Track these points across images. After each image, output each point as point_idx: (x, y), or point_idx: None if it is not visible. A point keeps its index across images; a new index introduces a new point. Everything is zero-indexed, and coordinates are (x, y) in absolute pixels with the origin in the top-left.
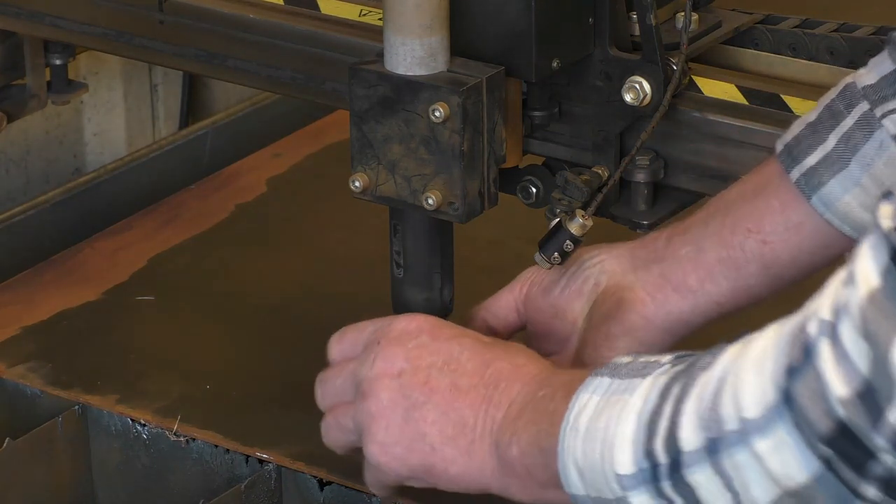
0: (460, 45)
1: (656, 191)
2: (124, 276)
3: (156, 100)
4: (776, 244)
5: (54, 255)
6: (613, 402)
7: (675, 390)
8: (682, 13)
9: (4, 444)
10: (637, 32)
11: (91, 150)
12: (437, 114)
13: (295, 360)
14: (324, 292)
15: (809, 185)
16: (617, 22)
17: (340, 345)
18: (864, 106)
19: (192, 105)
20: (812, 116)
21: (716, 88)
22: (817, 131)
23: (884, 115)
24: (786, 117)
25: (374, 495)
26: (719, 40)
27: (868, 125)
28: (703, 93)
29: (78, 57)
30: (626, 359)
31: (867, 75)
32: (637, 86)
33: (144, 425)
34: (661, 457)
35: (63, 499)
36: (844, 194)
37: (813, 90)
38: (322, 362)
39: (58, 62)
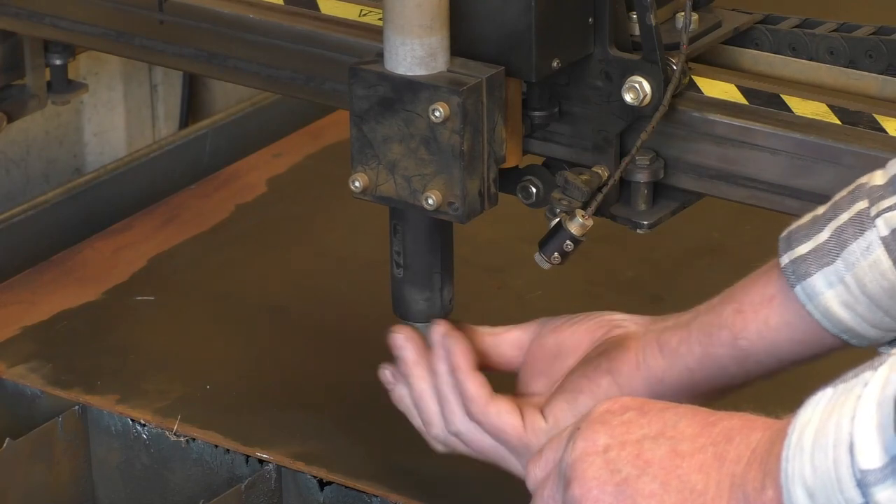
0: (460, 45)
1: (656, 191)
2: (124, 276)
3: (156, 100)
4: (747, 314)
5: (54, 255)
6: (842, 402)
7: None
8: (682, 13)
9: (4, 444)
10: (637, 32)
11: (91, 150)
12: (437, 114)
13: (295, 360)
14: (324, 292)
15: (796, 273)
16: (617, 22)
17: (539, 464)
18: (862, 203)
19: (192, 105)
20: (820, 210)
21: (716, 88)
22: (817, 222)
23: (878, 214)
24: (786, 117)
25: (374, 495)
26: (719, 40)
27: (860, 223)
28: (703, 93)
29: (78, 57)
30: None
31: (880, 176)
32: (637, 86)
33: (144, 425)
34: None
35: (63, 499)
36: (828, 289)
37: (813, 90)
38: (322, 362)
39: (58, 62)
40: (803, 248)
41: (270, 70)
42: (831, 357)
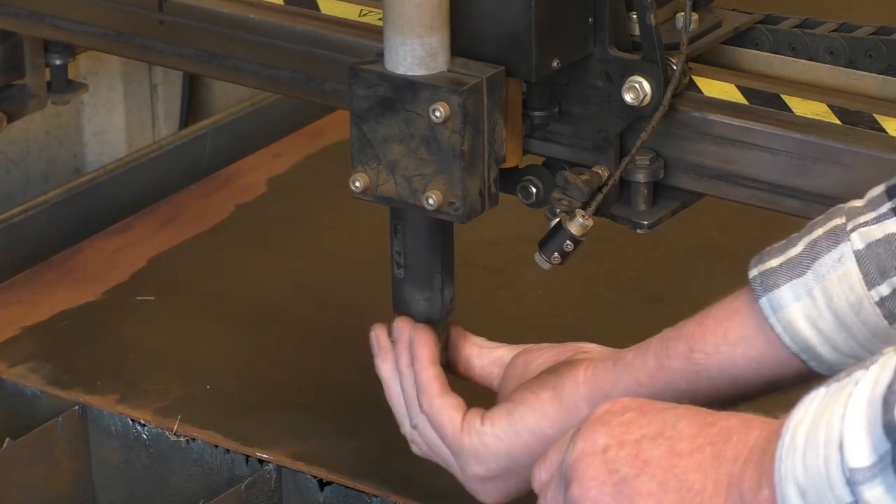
0: (460, 45)
1: (656, 191)
2: (124, 276)
3: (156, 100)
4: (707, 327)
5: (54, 255)
6: (833, 401)
7: None
8: (682, 13)
9: (4, 445)
10: (637, 32)
11: (91, 150)
12: (437, 114)
13: (295, 360)
14: (324, 292)
15: (764, 285)
16: (617, 22)
17: (543, 466)
18: (839, 220)
19: (192, 105)
20: (797, 233)
21: (716, 88)
22: (791, 240)
23: (854, 229)
24: (786, 117)
25: (374, 495)
26: (719, 40)
27: (835, 236)
28: (703, 93)
29: (78, 57)
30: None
31: (858, 200)
32: (637, 86)
33: (144, 425)
34: None
35: (63, 499)
36: (794, 302)
37: (813, 90)
38: (322, 363)
39: (58, 62)
40: (774, 262)
41: (270, 70)
42: None
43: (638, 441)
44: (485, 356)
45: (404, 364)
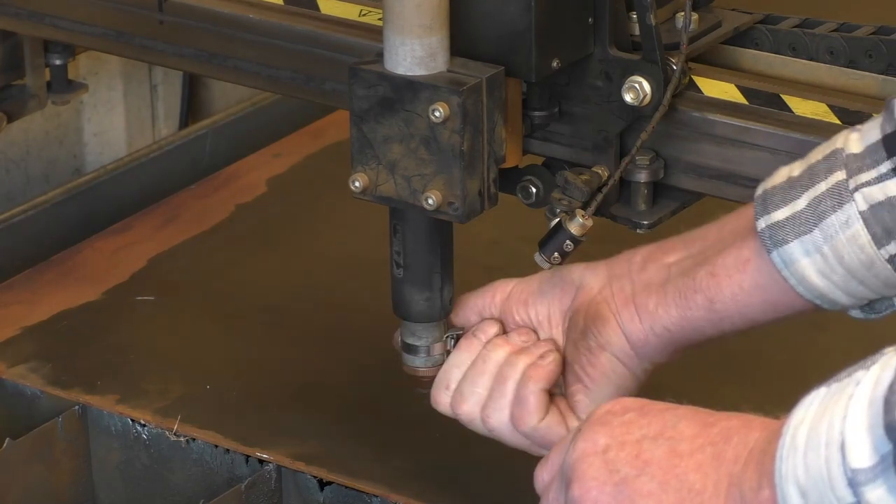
0: (460, 45)
1: (656, 191)
2: (124, 276)
3: (156, 100)
4: (721, 278)
5: (54, 255)
6: (834, 402)
7: None
8: (682, 13)
9: (4, 444)
10: (637, 32)
11: (91, 150)
12: (437, 114)
13: (295, 360)
14: (323, 292)
15: (773, 239)
16: (617, 22)
17: (546, 467)
18: (840, 174)
19: (192, 105)
20: (795, 171)
21: (716, 88)
22: (793, 187)
23: (857, 188)
24: (786, 117)
25: (374, 495)
26: (719, 40)
27: (839, 196)
28: (703, 93)
29: (78, 57)
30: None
31: (856, 142)
32: (637, 86)
33: (144, 425)
34: None
35: (63, 499)
36: (804, 257)
37: (813, 90)
38: (322, 363)
39: (58, 62)
40: (780, 214)
41: (270, 70)
42: (827, 357)
43: (638, 441)
44: (458, 311)
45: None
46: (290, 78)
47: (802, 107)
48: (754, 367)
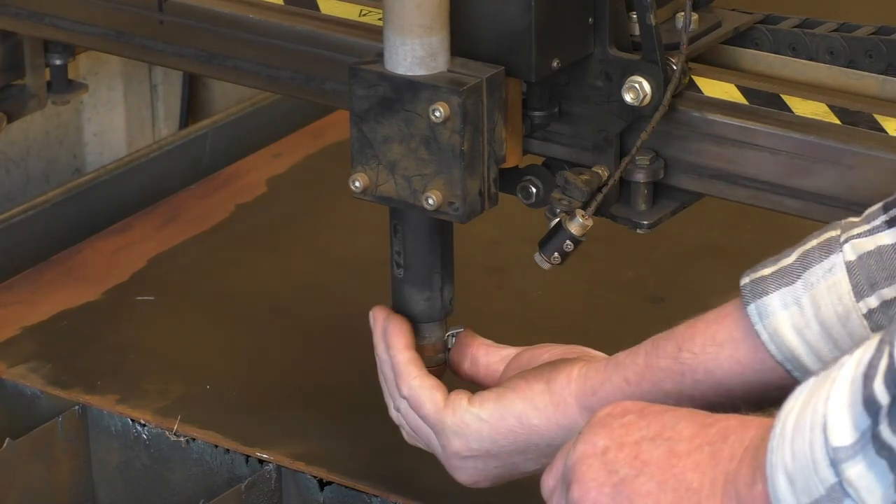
0: (460, 45)
1: (656, 191)
2: (124, 276)
3: (156, 100)
4: (697, 328)
5: (54, 255)
6: (820, 386)
7: (891, 336)
8: (682, 13)
9: (4, 444)
10: (637, 32)
11: (91, 150)
12: (437, 114)
13: (295, 360)
14: (324, 292)
15: (753, 291)
16: (617, 22)
17: (551, 474)
18: (833, 232)
19: (192, 105)
20: (790, 250)
21: (716, 88)
22: (786, 251)
23: (847, 240)
24: (786, 117)
25: (374, 495)
26: (719, 40)
27: (828, 247)
28: (703, 93)
29: (78, 57)
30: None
31: (856, 217)
32: (637, 86)
33: (144, 425)
34: (882, 396)
35: (63, 499)
36: (782, 310)
37: (813, 90)
38: (322, 363)
39: (58, 62)
40: (767, 271)
41: (270, 70)
42: None
43: (637, 442)
44: (492, 354)
45: (381, 350)
46: (290, 78)
47: (802, 107)
48: None
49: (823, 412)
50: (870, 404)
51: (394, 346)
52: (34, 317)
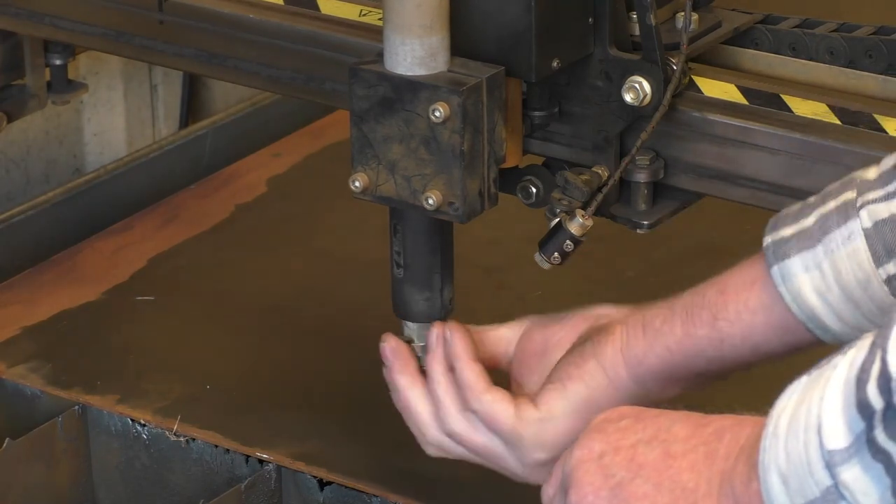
0: (460, 45)
1: (656, 191)
2: (124, 276)
3: (156, 100)
4: (729, 295)
5: (54, 255)
6: (813, 387)
7: (883, 340)
8: (682, 13)
9: (4, 444)
10: (637, 32)
11: (91, 150)
12: (437, 114)
13: (295, 360)
14: (324, 292)
15: (776, 254)
16: (617, 22)
17: (550, 482)
18: (850, 194)
19: (192, 105)
20: (811, 199)
21: (716, 88)
22: (805, 207)
23: (863, 206)
24: (786, 117)
25: (374, 495)
26: (719, 40)
27: (846, 212)
28: (703, 93)
29: (78, 57)
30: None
31: (872, 171)
32: (637, 86)
33: (144, 425)
34: (876, 401)
35: (63, 499)
36: (803, 273)
37: (813, 90)
38: (322, 363)
39: (58, 62)
40: (787, 231)
41: (270, 70)
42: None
43: (633, 446)
44: (486, 340)
45: (438, 372)
46: (290, 78)
47: (802, 107)
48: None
49: (818, 413)
50: (863, 408)
51: (461, 358)
52: (34, 317)
